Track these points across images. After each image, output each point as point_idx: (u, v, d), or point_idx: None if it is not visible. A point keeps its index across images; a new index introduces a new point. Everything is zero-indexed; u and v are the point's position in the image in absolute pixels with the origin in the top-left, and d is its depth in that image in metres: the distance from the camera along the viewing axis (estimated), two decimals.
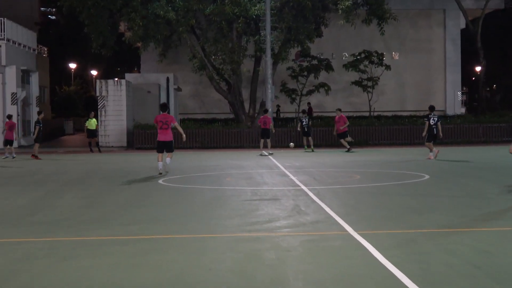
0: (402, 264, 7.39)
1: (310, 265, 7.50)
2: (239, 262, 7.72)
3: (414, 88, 49.68)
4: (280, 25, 36.13)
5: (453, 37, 49.71)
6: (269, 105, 34.21)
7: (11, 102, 37.16)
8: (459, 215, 10.97)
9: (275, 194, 14.05)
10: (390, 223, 10.30)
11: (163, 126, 18.43)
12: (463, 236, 9.11)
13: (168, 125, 18.42)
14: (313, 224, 10.26)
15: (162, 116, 18.64)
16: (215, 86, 38.56)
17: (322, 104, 48.62)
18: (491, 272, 7.09)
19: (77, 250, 8.56)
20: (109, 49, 38.44)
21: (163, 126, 18.43)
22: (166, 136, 18.60)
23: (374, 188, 15.16)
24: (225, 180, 17.50)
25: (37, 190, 15.67)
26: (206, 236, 9.46)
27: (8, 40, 37.56)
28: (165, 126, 18.42)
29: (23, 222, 10.86)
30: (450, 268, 7.27)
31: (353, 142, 31.70)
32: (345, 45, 48.39)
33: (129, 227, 10.22)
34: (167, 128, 18.45)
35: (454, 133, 35.99)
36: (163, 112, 18.83)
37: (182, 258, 7.96)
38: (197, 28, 38.92)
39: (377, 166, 21.18)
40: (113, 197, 14.15)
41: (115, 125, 36.40)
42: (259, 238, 9.13)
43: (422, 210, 11.52)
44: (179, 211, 11.91)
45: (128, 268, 7.52)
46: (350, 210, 11.64)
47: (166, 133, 18.54)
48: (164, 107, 19.10)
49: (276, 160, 24.44)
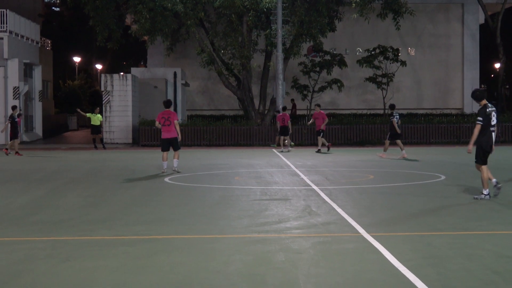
0: (418, 268, 7.23)
1: (321, 269, 7.38)
2: (248, 264, 7.62)
3: (431, 85, 48.73)
4: (292, 19, 35.38)
5: (472, 33, 48.59)
6: (279, 102, 33.47)
7: (13, 97, 36.51)
8: (478, 217, 10.72)
9: (285, 194, 13.95)
10: (405, 225, 10.13)
11: (166, 123, 18.04)
12: (482, 239, 8.93)
13: (171, 121, 18.02)
14: (324, 225, 10.14)
15: (164, 113, 18.28)
16: (224, 81, 37.83)
17: (335, 101, 47.75)
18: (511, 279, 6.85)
19: (80, 250, 8.48)
20: (115, 43, 37.87)
21: (166, 123, 18.04)
22: (170, 133, 18.16)
23: (388, 188, 15.01)
24: (234, 179, 17.33)
25: (39, 188, 15.59)
26: (214, 237, 9.38)
27: (11, 32, 37.02)
28: (167, 123, 18.02)
29: (25, 222, 10.80)
30: (468, 273, 7.09)
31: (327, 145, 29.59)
32: (359, 40, 47.49)
33: (134, 227, 10.16)
34: (169, 125, 18.04)
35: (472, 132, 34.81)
36: (166, 108, 18.36)
37: (189, 260, 7.88)
38: (206, 21, 38.29)
39: (392, 166, 20.90)
40: (118, 196, 14.01)
41: (120, 121, 35.83)
42: (268, 240, 9.06)
43: (438, 212, 11.29)
44: (186, 211, 11.82)
45: (132, 270, 7.43)
46: (363, 211, 11.49)
47: (169, 129, 18.12)
48: (168, 104, 18.51)
49: (287, 159, 24.12)
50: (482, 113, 12.15)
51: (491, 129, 12.21)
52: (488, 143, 12.24)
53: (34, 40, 41.06)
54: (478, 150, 12.38)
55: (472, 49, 48.65)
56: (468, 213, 11.12)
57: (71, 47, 65.00)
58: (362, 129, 34.61)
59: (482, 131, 12.18)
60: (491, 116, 12.16)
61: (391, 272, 7.14)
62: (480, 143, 12.28)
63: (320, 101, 45.38)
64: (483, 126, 12.15)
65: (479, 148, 12.36)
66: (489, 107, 12.24)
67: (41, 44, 43.79)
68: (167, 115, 18.01)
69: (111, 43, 37.81)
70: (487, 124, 12.18)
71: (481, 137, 12.20)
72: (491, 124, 12.18)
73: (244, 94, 37.69)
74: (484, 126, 12.14)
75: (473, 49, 48.65)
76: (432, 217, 10.71)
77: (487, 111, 12.18)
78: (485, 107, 12.21)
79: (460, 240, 8.86)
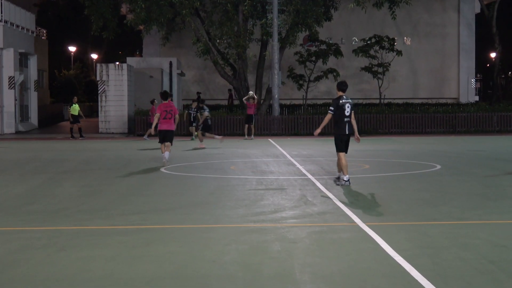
0: (413, 258, 7.21)
1: (317, 258, 7.35)
2: (244, 254, 7.59)
3: (427, 75, 48.70)
4: (287, 8, 35.27)
5: (467, 22, 48.53)
6: (275, 92, 33.48)
7: (8, 86, 36.35)
8: (473, 207, 10.70)
9: (281, 183, 13.89)
10: (401, 215, 10.07)
11: (167, 116, 17.53)
12: (477, 229, 8.91)
13: (172, 114, 17.54)
14: (320, 215, 10.08)
15: (166, 105, 17.65)
16: (220, 71, 37.72)
17: (331, 91, 47.62)
18: (507, 267, 6.86)
19: (76, 240, 8.42)
20: (110, 32, 37.77)
21: (167, 116, 17.53)
22: (168, 125, 17.69)
23: (384, 178, 14.94)
24: (230, 168, 17.21)
25: (35, 178, 15.48)
26: (209, 226, 9.31)
27: (6, 21, 36.81)
28: (169, 116, 17.53)
29: (21, 211, 10.74)
30: (464, 262, 7.08)
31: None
32: (355, 30, 47.40)
33: (130, 217, 10.10)
34: (171, 118, 17.57)
35: (468, 122, 35.06)
36: (164, 101, 17.82)
37: (185, 250, 7.84)
38: (202, 11, 38.19)
39: (387, 156, 20.91)
40: (114, 186, 13.90)
41: (116, 111, 35.73)
42: (264, 229, 9.01)
43: (434, 202, 11.24)
44: (182, 201, 11.73)
45: (128, 259, 7.39)
46: (359, 201, 11.46)
47: (169, 122, 17.66)
48: (166, 95, 18.03)
49: (282, 149, 24.02)
50: (335, 104, 13.04)
51: (345, 120, 13.00)
52: (342, 133, 13.08)
53: (29, 30, 40.85)
54: (335, 140, 13.30)
55: (468, 39, 48.58)
56: (464, 203, 11.07)
57: (67, 37, 64.80)
58: (358, 118, 34.51)
59: (337, 122, 13.07)
60: (345, 108, 12.94)
61: (387, 262, 7.11)
62: (336, 133, 13.20)
63: (316, 91, 45.45)
64: (337, 117, 13.02)
65: (335, 138, 13.27)
66: (343, 99, 12.99)
67: (36, 34, 43.60)
68: (169, 108, 17.52)
69: (106, 33, 37.70)
70: (340, 115, 13.01)
71: (337, 128, 13.12)
72: (345, 115, 12.98)
73: (240, 84, 37.61)
74: (337, 116, 13.01)
75: (469, 38, 48.58)
76: (427, 207, 10.67)
77: (339, 103, 12.96)
78: (338, 98, 13.02)
79: (456, 229, 8.84)
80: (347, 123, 13.01)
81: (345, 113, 12.95)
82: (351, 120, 13.06)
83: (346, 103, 12.95)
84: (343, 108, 12.92)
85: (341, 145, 13.16)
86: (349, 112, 12.97)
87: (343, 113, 12.96)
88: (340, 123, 13.02)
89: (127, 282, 6.49)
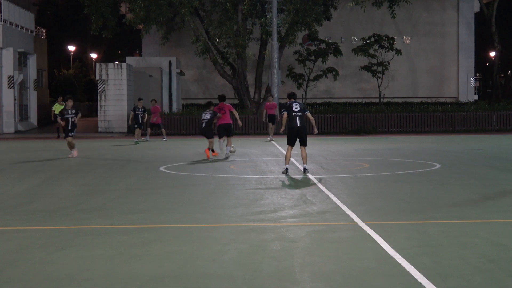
0: (413, 257, 7.20)
1: (316, 257, 7.33)
2: (244, 253, 7.58)
3: (426, 74, 48.71)
4: (287, 7, 35.21)
5: (467, 21, 48.53)
6: (274, 91, 33.42)
7: (7, 86, 36.35)
8: (473, 206, 10.70)
9: (280, 183, 13.91)
10: (401, 214, 10.07)
11: (221, 112, 20.04)
12: (476, 228, 8.90)
13: (225, 110, 20.00)
14: (320, 214, 10.07)
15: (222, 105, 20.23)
16: (219, 70, 37.71)
17: (331, 90, 47.73)
18: (507, 266, 6.84)
19: (76, 239, 8.42)
20: (109, 31, 37.73)
21: (221, 112, 20.04)
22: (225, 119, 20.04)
23: (383, 177, 14.95)
24: (229, 168, 17.24)
25: (34, 177, 15.49)
26: (209, 226, 9.32)
27: (5, 21, 36.81)
28: (222, 112, 19.97)
29: (20, 211, 10.74)
30: (464, 261, 7.06)
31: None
32: (354, 29, 47.40)
33: (130, 216, 10.11)
34: (224, 113, 19.96)
35: (467, 121, 35.07)
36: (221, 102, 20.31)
37: (185, 249, 7.81)
38: (201, 10, 38.19)
39: (387, 155, 20.88)
40: (113, 185, 13.90)
41: (115, 110, 35.73)
42: (264, 228, 9.01)
43: (434, 201, 11.24)
44: (181, 200, 11.77)
45: (128, 258, 7.38)
46: (358, 200, 11.43)
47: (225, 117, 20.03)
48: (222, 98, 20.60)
49: (282, 148, 23.85)
50: (287, 107, 15.30)
51: (294, 114, 15.06)
52: (293, 128, 15.00)
53: (28, 29, 40.86)
54: (287, 133, 15.24)
55: (467, 38, 48.60)
56: (463, 202, 11.05)
57: (66, 36, 64.70)
58: (357, 117, 34.60)
59: (290, 120, 15.06)
60: (292, 106, 15.12)
61: (386, 261, 7.09)
62: (288, 128, 15.14)
63: (315, 90, 45.47)
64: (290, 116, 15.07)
65: (288, 131, 15.20)
66: (292, 102, 15.30)
67: (35, 33, 43.59)
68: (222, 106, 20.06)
69: (106, 32, 37.66)
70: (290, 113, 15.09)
71: (288, 124, 15.08)
72: (294, 111, 15.04)
73: (239, 83, 37.60)
74: (290, 114, 15.07)
75: (468, 37, 48.60)
76: (427, 206, 10.65)
77: (288, 104, 15.35)
78: (290, 104, 15.29)
79: (455, 228, 8.83)
80: (297, 117, 15.03)
81: (293, 109, 15.07)
82: (302, 115, 15.09)
83: (293, 103, 15.23)
84: (291, 107, 15.11)
85: (291, 139, 15.09)
86: (298, 108, 15.11)
87: (292, 110, 15.07)
88: (292, 120, 15.05)
89: (126, 281, 6.48)
